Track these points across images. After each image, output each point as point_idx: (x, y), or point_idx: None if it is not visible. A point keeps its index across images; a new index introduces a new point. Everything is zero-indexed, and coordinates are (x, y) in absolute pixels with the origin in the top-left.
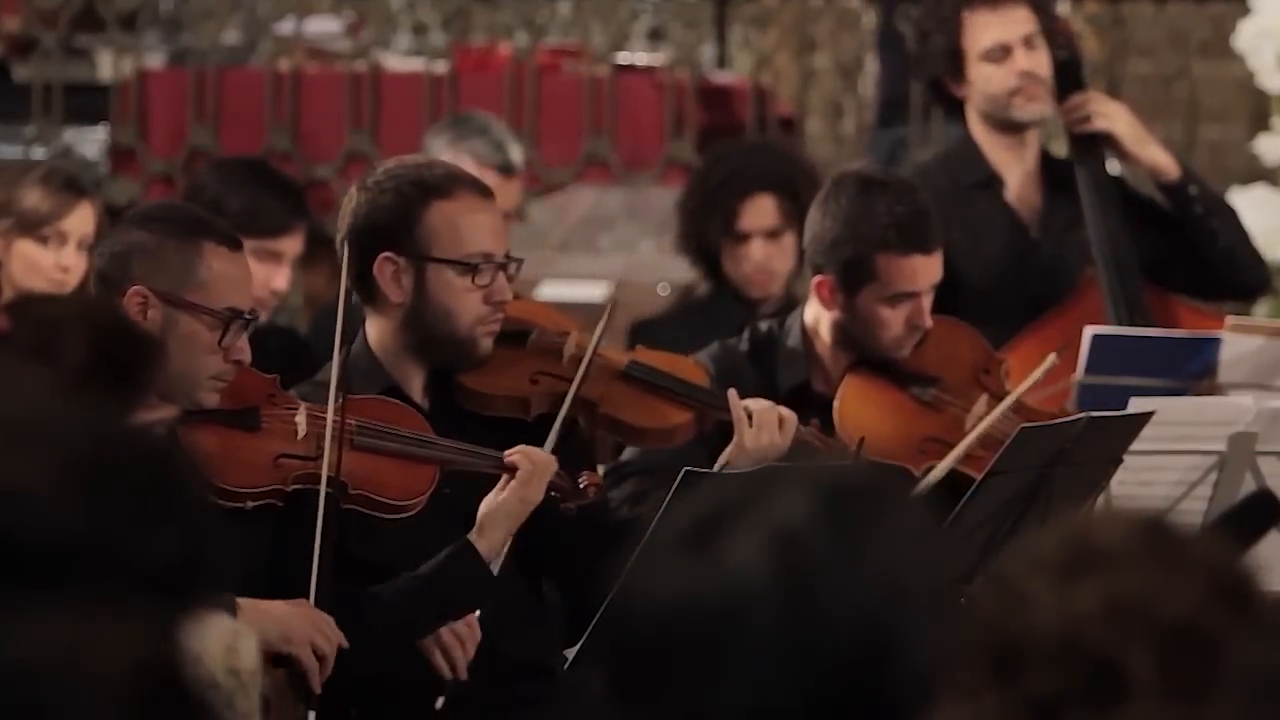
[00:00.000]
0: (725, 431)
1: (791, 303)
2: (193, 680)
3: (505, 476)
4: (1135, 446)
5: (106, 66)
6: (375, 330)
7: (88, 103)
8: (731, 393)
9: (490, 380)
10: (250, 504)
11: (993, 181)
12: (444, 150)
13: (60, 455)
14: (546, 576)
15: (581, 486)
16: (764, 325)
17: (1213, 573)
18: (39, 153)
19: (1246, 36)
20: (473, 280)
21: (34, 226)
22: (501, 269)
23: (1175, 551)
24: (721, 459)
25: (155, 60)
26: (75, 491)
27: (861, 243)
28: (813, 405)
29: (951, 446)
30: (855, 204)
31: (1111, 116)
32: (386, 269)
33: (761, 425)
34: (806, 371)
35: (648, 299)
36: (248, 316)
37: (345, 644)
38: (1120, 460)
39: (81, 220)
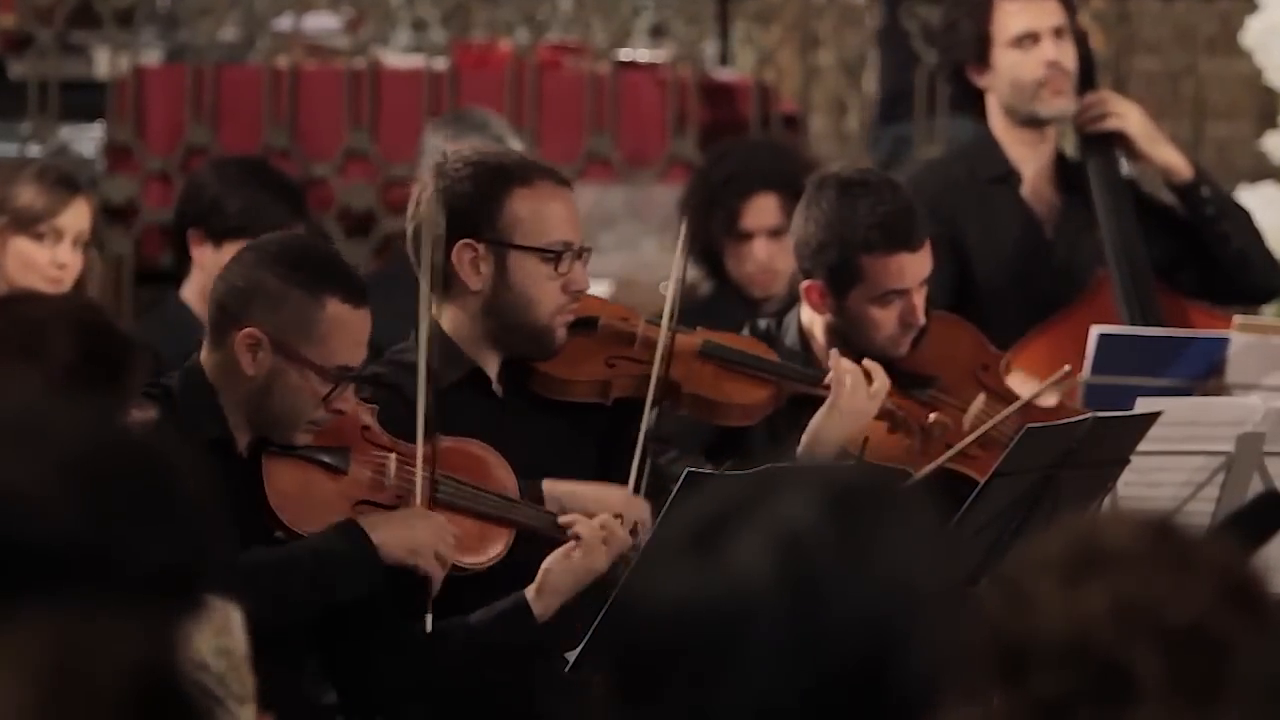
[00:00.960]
0: (792, 411)
1: (795, 301)
2: (190, 683)
3: (573, 542)
4: (1142, 447)
5: (103, 63)
6: (449, 318)
7: (84, 100)
8: (834, 352)
9: (569, 367)
10: None
11: (1010, 177)
12: (442, 146)
13: (57, 456)
14: None
15: None
16: (762, 323)
17: (1221, 575)
18: (35, 150)
19: (1254, 33)
20: (555, 268)
21: (29, 224)
22: (577, 258)
23: (1183, 553)
24: (813, 423)
25: (152, 57)
26: (72, 492)
27: (845, 246)
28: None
29: (950, 447)
30: (836, 207)
31: (1125, 116)
32: (465, 256)
33: (856, 386)
34: None
35: (650, 298)
36: (355, 373)
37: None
38: (1127, 461)
39: (77, 216)
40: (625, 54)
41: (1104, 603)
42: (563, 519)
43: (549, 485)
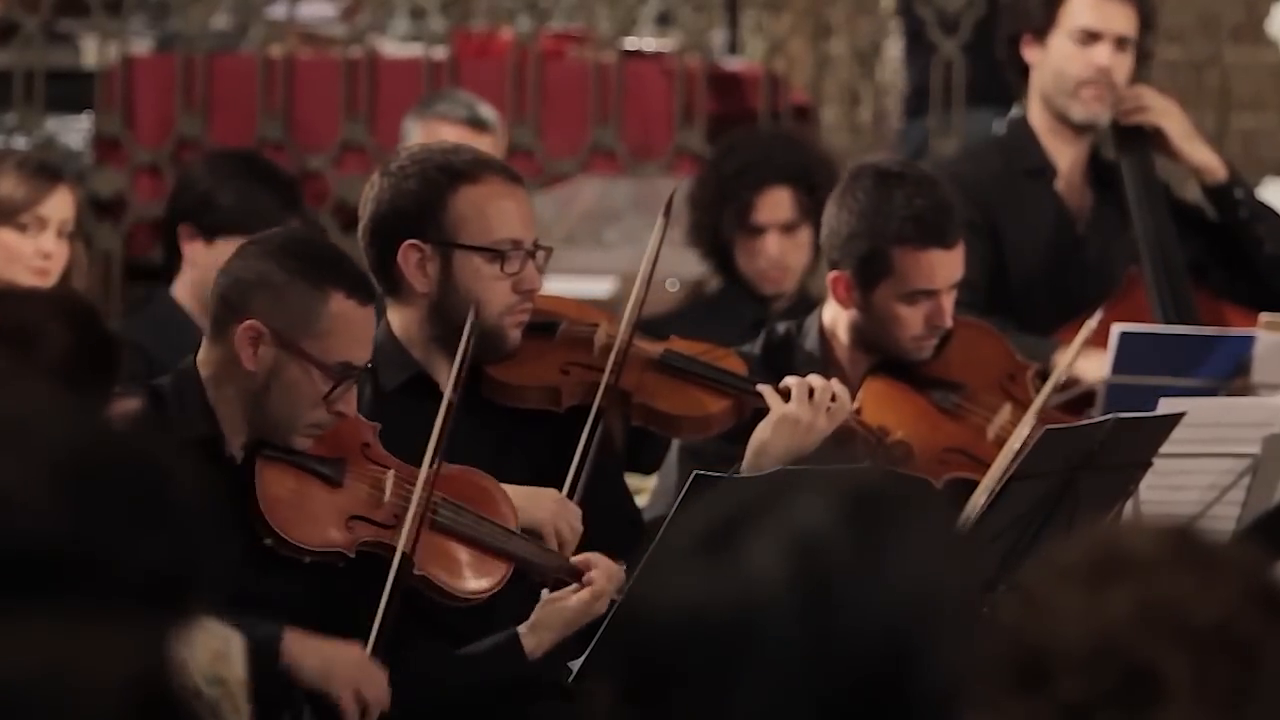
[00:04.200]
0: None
1: (805, 299)
2: (183, 694)
3: (576, 585)
4: (1165, 449)
5: (91, 52)
6: (399, 320)
7: (71, 90)
8: (764, 386)
9: (519, 371)
10: (308, 560)
11: (1046, 170)
12: (415, 125)
13: (47, 459)
14: None
15: None
16: (781, 327)
17: (1246, 578)
18: (20, 142)
19: None
20: (501, 268)
21: (11, 214)
22: (530, 257)
23: (1207, 557)
24: (758, 433)
25: (142, 46)
26: (62, 497)
27: (878, 236)
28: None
29: (972, 457)
30: (872, 197)
31: (1163, 112)
32: (411, 257)
33: (800, 397)
34: (825, 376)
35: (656, 295)
36: (358, 374)
37: (387, 707)
38: (1149, 464)
39: (60, 205)
40: (631, 43)
41: (1128, 606)
42: (578, 559)
43: None
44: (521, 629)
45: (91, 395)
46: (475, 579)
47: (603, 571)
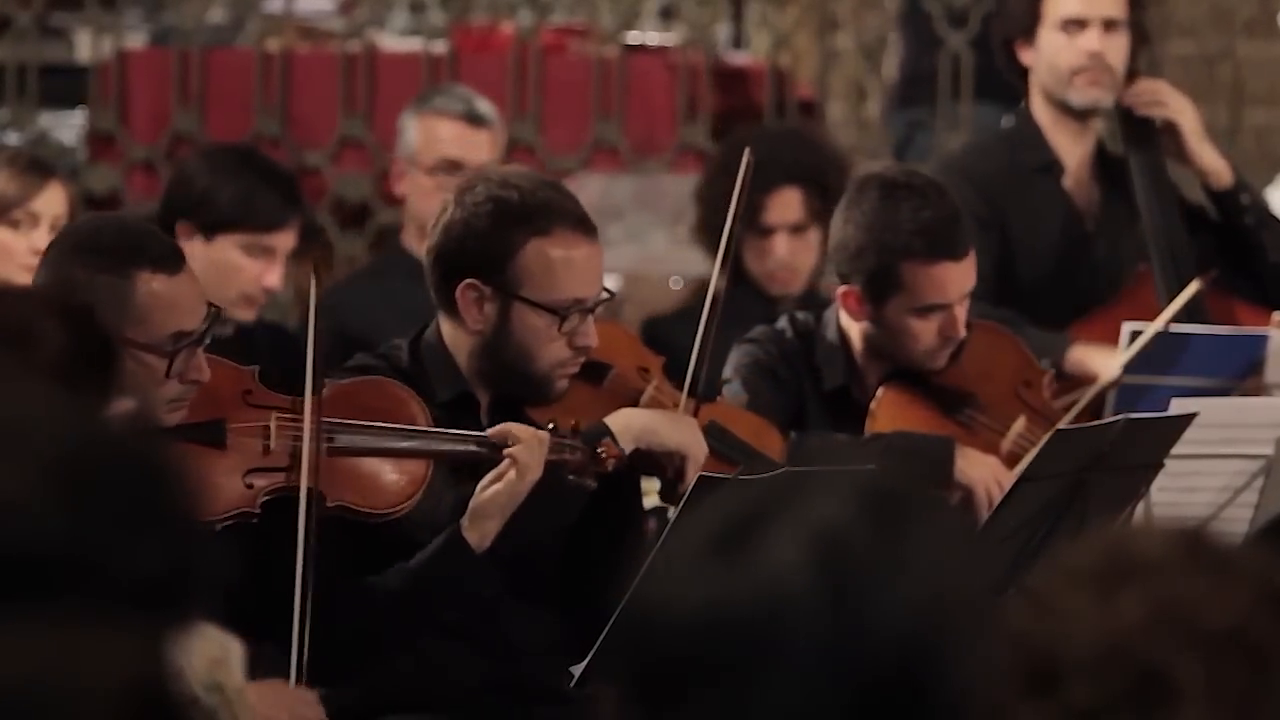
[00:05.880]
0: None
1: (811, 298)
2: (182, 699)
3: (507, 461)
4: (1177, 450)
5: (85, 47)
6: (451, 333)
7: (65, 85)
8: None
9: (559, 419)
10: (217, 527)
11: (1053, 166)
12: (412, 121)
13: (41, 461)
14: (562, 574)
15: (600, 456)
16: (800, 316)
17: (1259, 581)
18: (13, 138)
19: None
20: (559, 327)
21: (3, 211)
22: (590, 313)
23: (1219, 560)
24: None
25: (136, 40)
26: (57, 499)
27: (886, 251)
28: (849, 411)
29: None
30: (879, 209)
31: (1179, 110)
32: (469, 295)
33: None
34: (847, 375)
35: (659, 294)
36: (198, 335)
37: None
38: (1161, 465)
39: (52, 201)
40: (634, 37)
41: (1140, 610)
42: (492, 432)
43: None
44: (462, 522)
45: (88, 395)
46: (393, 490)
47: (522, 443)
